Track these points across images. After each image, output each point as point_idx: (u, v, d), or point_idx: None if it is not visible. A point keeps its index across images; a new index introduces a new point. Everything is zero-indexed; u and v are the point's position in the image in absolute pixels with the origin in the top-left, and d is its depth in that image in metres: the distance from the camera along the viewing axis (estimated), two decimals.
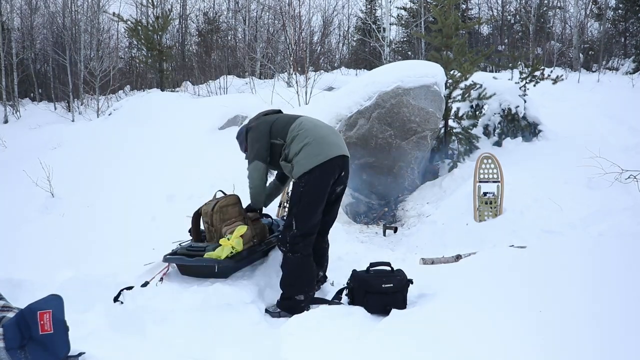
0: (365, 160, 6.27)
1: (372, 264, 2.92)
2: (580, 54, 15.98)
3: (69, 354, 2.30)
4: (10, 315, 2.25)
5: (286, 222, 2.98)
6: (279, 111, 3.36)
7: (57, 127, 9.14)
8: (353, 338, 2.34)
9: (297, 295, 2.88)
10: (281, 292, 2.94)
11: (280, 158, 3.05)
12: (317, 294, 3.15)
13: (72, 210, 5.00)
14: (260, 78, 14.58)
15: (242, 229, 3.03)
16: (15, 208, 5.09)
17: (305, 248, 2.94)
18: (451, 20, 6.80)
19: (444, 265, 3.63)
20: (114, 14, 12.69)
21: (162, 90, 11.71)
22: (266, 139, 3.06)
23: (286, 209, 4.74)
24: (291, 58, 11.61)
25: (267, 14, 18.96)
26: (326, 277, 3.35)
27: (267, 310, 2.89)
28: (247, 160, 3.17)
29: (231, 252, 2.93)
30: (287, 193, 4.92)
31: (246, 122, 3.44)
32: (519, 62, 10.83)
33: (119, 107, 9.21)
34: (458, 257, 3.80)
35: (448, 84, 6.78)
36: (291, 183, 4.77)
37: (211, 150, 6.23)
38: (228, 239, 2.96)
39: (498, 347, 2.07)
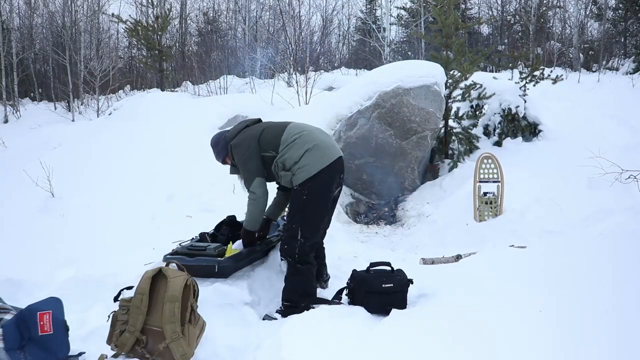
0: (365, 160, 6.27)
1: (372, 264, 2.91)
2: (580, 54, 15.98)
3: (69, 354, 2.30)
4: (8, 317, 2.25)
5: (289, 233, 2.86)
6: (259, 120, 3.21)
7: (57, 127, 9.13)
8: (353, 338, 2.34)
9: (309, 304, 2.83)
10: (287, 301, 2.87)
11: (273, 168, 2.94)
12: (322, 293, 3.15)
13: (72, 210, 4.98)
14: (260, 78, 14.58)
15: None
16: (15, 208, 5.08)
17: (312, 257, 2.94)
18: (451, 20, 6.80)
19: (444, 265, 3.63)
20: (112, 14, 12.70)
21: (162, 90, 11.71)
22: (257, 154, 2.94)
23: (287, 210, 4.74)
24: (291, 58, 11.61)
25: (267, 13, 18.98)
26: (329, 275, 3.36)
27: (266, 317, 2.84)
28: (243, 181, 3.03)
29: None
30: None
31: (225, 130, 3.23)
32: (519, 62, 10.84)
33: (119, 107, 9.20)
34: (458, 257, 3.80)
35: (448, 84, 6.78)
36: None
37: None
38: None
39: (498, 346, 2.07)
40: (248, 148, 2.95)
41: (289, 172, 2.87)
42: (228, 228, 3.44)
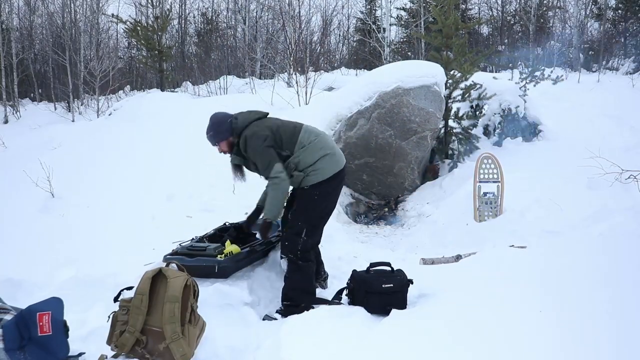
0: (365, 160, 6.27)
1: (372, 264, 2.92)
2: (580, 54, 15.97)
3: (69, 354, 2.30)
4: (8, 317, 2.25)
5: (294, 230, 2.90)
6: (267, 114, 3.20)
7: (57, 127, 9.12)
8: (353, 338, 2.34)
9: (311, 303, 2.87)
10: (287, 299, 2.89)
11: (286, 166, 2.95)
12: (321, 293, 3.15)
13: (72, 210, 4.98)
14: (260, 78, 14.58)
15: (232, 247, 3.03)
16: (15, 208, 5.08)
17: (312, 255, 3.00)
18: (451, 21, 6.81)
19: (444, 265, 3.63)
20: (112, 15, 12.70)
21: (162, 90, 11.70)
22: (274, 145, 2.94)
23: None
24: (291, 58, 11.60)
25: (267, 14, 18.96)
26: (327, 273, 3.38)
27: (266, 317, 2.84)
28: (262, 170, 2.99)
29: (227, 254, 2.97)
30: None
31: (228, 114, 3.22)
32: (519, 62, 10.84)
33: (119, 107, 9.19)
34: (458, 257, 3.80)
35: (448, 84, 6.78)
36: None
37: (211, 150, 6.22)
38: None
39: (498, 346, 2.07)
40: (266, 139, 2.93)
41: (302, 173, 2.93)
42: (235, 232, 3.45)
